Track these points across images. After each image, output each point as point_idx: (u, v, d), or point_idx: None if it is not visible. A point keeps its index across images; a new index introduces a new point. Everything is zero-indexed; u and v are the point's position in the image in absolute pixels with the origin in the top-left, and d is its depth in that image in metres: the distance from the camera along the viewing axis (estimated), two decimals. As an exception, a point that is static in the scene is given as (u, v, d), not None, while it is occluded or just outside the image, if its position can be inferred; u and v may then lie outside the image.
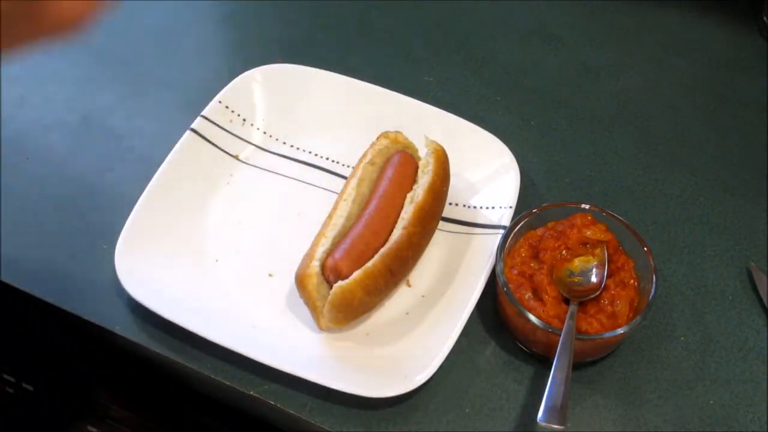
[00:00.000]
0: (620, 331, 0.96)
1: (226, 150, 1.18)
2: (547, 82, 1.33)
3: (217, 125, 1.18)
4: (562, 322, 0.96)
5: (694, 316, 1.06)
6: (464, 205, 1.14)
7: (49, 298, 1.05)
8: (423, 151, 1.10)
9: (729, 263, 1.11)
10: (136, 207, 1.08)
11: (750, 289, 1.09)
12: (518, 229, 1.04)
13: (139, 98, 1.27)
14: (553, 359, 0.93)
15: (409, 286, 1.07)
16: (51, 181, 1.17)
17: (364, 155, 1.11)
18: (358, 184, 1.08)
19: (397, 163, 1.09)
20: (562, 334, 0.94)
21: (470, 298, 1.01)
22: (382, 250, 1.00)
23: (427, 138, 1.10)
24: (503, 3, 1.44)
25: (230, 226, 1.12)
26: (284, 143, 1.21)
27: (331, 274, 0.99)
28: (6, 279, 1.06)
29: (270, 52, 1.33)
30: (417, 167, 1.09)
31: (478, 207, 1.13)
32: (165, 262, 1.06)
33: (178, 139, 1.15)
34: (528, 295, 1.00)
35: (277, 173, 1.18)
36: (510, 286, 0.99)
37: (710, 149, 1.24)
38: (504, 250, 1.02)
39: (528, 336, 0.99)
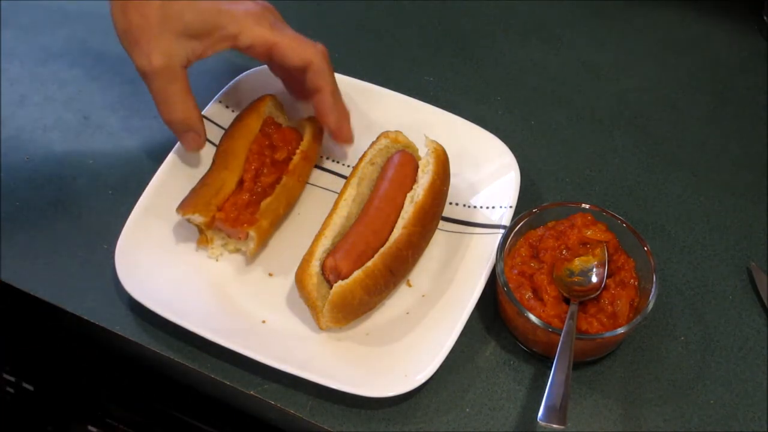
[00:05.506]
0: (620, 330, 0.96)
1: (226, 150, 1.18)
2: (547, 82, 1.33)
3: (217, 125, 1.18)
4: (563, 322, 0.96)
5: (694, 316, 1.06)
6: (464, 205, 1.14)
7: (49, 298, 1.05)
8: (423, 151, 1.10)
9: (729, 263, 1.11)
10: (136, 207, 1.08)
11: (750, 289, 1.09)
12: (518, 229, 1.04)
13: (139, 98, 1.27)
14: (553, 359, 0.93)
15: (409, 285, 1.07)
16: (51, 181, 1.17)
17: (365, 155, 1.11)
18: (359, 184, 1.08)
19: (397, 162, 1.08)
20: (562, 334, 0.94)
21: (470, 298, 1.01)
22: (382, 250, 1.00)
23: (427, 138, 1.10)
24: (503, 3, 1.44)
25: (230, 226, 1.12)
26: (284, 143, 1.21)
27: (331, 273, 0.99)
28: (6, 279, 1.06)
29: (270, 52, 1.33)
30: (417, 167, 1.09)
31: (478, 207, 1.13)
32: (165, 262, 1.06)
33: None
34: (528, 294, 1.00)
35: (277, 173, 1.18)
36: (510, 285, 0.99)
37: (710, 149, 1.24)
38: (504, 250, 1.02)
39: (528, 336, 0.99)
